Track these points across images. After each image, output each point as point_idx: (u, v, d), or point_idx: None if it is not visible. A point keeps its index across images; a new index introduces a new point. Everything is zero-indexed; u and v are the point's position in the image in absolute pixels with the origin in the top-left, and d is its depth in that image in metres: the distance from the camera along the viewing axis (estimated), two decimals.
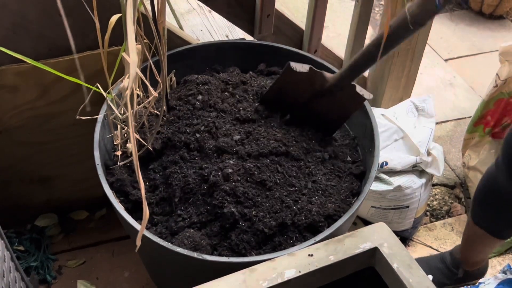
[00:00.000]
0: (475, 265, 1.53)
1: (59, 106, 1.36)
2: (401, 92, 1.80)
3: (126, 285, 1.52)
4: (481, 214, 1.37)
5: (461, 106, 2.22)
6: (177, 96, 1.26)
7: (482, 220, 1.37)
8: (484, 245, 1.44)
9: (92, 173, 1.10)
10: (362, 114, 1.25)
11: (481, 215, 1.37)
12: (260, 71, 1.41)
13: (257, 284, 0.84)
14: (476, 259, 1.51)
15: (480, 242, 1.43)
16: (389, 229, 0.94)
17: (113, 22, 0.95)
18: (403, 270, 0.87)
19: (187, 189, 1.08)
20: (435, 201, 1.84)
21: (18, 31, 1.21)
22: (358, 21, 1.62)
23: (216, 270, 0.90)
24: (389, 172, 1.56)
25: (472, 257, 1.50)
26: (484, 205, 1.36)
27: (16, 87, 1.28)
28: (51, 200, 1.58)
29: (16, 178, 1.48)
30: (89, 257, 1.58)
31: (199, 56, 1.39)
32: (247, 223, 1.04)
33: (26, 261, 1.51)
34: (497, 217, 1.35)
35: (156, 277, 1.35)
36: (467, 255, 1.50)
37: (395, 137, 1.60)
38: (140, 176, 0.70)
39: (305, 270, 0.87)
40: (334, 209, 1.09)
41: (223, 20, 1.76)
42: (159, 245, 0.97)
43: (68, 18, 1.21)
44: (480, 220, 1.37)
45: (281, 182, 1.09)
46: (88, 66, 1.30)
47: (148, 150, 1.15)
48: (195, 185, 1.08)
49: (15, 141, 1.39)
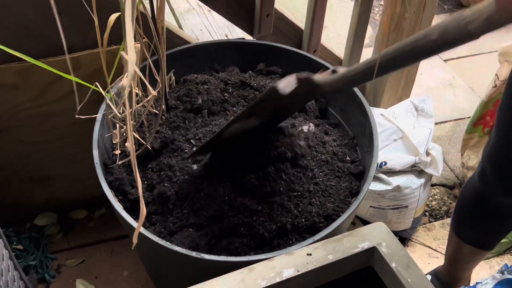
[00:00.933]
0: (463, 282, 1.49)
1: (58, 105, 1.36)
2: (401, 92, 1.81)
3: (125, 284, 1.52)
4: (468, 231, 1.33)
5: (461, 107, 2.22)
6: (177, 96, 1.26)
7: (470, 236, 1.33)
8: (473, 260, 1.41)
9: (91, 172, 1.10)
10: (361, 114, 1.25)
11: (469, 232, 1.33)
12: (260, 71, 1.41)
13: (255, 283, 0.84)
14: (464, 276, 1.48)
15: (470, 259, 1.39)
16: (388, 228, 0.94)
17: (112, 20, 0.95)
18: (402, 270, 0.87)
19: (181, 194, 1.08)
20: (434, 201, 1.84)
21: (18, 30, 1.21)
22: (357, 21, 1.63)
23: (214, 270, 0.90)
24: (388, 172, 1.56)
25: (461, 275, 1.47)
26: (471, 222, 1.31)
27: (16, 86, 1.28)
28: (50, 199, 1.58)
29: (15, 177, 1.48)
30: (88, 256, 1.58)
31: (199, 56, 1.39)
32: (247, 227, 1.04)
33: (25, 260, 1.51)
34: (487, 231, 1.30)
35: (155, 276, 1.35)
36: (455, 273, 1.47)
37: (394, 137, 1.60)
38: (138, 174, 0.70)
39: (304, 270, 0.87)
40: (333, 209, 1.09)
41: (222, 20, 1.76)
42: (158, 244, 0.97)
43: (68, 17, 1.21)
44: (468, 237, 1.33)
45: (284, 190, 1.08)
46: (87, 65, 1.30)
47: (147, 149, 1.15)
48: (191, 191, 1.08)
49: (14, 140, 1.39)
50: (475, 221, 1.30)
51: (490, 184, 1.17)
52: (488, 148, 1.16)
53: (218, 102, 1.27)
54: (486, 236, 1.32)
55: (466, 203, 1.30)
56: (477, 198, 1.25)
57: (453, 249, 1.41)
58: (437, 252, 1.69)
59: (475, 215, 1.29)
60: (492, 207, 1.22)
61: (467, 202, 1.29)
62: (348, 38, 1.70)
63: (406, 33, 1.62)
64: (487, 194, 1.21)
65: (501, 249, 1.70)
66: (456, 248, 1.39)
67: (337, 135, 1.29)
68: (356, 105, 1.27)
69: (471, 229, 1.32)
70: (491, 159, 1.15)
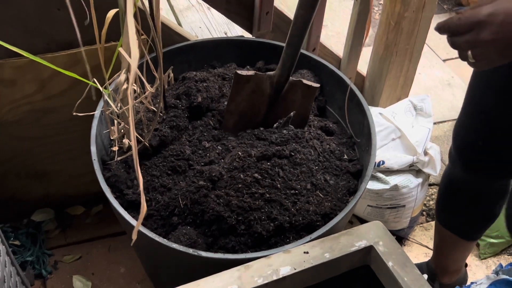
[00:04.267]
0: (451, 276, 1.50)
1: (56, 101, 1.36)
2: (399, 91, 1.81)
3: (122, 280, 1.52)
4: (446, 216, 1.37)
5: (459, 106, 2.20)
6: (176, 94, 1.26)
7: (449, 222, 1.37)
8: (456, 250, 1.42)
9: (88, 168, 1.10)
10: (359, 113, 1.25)
11: (447, 217, 1.37)
12: (258, 69, 1.40)
13: (252, 281, 0.84)
14: (451, 268, 1.48)
15: (452, 247, 1.41)
16: (385, 227, 0.94)
17: (110, 17, 0.95)
18: (398, 269, 0.87)
19: (180, 191, 1.09)
20: (432, 201, 1.84)
21: (16, 25, 1.21)
22: (356, 20, 1.63)
23: (212, 267, 0.90)
24: (386, 171, 1.56)
25: (447, 266, 1.48)
26: (448, 205, 1.36)
27: (13, 81, 1.28)
28: (47, 195, 1.58)
29: (12, 172, 1.47)
30: (85, 253, 1.58)
31: (198, 53, 1.39)
32: (245, 226, 1.04)
33: (22, 256, 1.51)
34: (462, 215, 1.35)
35: (152, 273, 1.35)
36: (442, 264, 1.48)
37: (392, 136, 1.60)
38: (139, 169, 0.70)
39: (300, 268, 0.87)
40: (330, 207, 1.09)
41: (222, 17, 1.76)
42: (155, 241, 0.97)
43: (66, 12, 1.21)
44: (447, 222, 1.37)
45: (282, 187, 1.09)
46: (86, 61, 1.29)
47: (144, 146, 1.15)
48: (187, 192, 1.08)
49: (12, 135, 1.38)
50: (450, 204, 1.35)
51: (455, 161, 1.24)
52: (455, 125, 1.23)
53: (217, 99, 1.27)
54: (463, 222, 1.36)
55: (442, 187, 1.36)
56: (448, 181, 1.33)
57: (437, 237, 1.45)
58: None
59: (449, 198, 1.34)
60: (461, 187, 1.29)
61: (443, 186, 1.36)
62: (347, 36, 1.70)
63: (406, 32, 1.62)
64: (454, 173, 1.27)
65: (497, 249, 1.70)
66: (439, 236, 1.43)
67: (335, 134, 1.29)
68: (355, 104, 1.27)
69: (449, 214, 1.37)
70: (455, 135, 1.23)
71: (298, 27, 1.12)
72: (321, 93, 1.38)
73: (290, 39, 1.14)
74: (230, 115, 1.22)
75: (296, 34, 1.13)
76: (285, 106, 1.22)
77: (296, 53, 1.16)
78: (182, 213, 1.06)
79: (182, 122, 1.20)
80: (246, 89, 1.19)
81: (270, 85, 1.21)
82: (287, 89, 1.21)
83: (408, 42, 1.65)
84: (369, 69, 1.80)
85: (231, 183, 1.07)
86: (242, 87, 1.19)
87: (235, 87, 1.19)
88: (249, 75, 1.17)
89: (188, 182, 1.09)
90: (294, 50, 1.15)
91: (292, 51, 1.15)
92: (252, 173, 1.07)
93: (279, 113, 1.22)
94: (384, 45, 1.67)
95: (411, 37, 1.64)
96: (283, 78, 1.20)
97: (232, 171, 1.08)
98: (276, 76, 1.20)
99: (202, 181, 1.07)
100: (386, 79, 1.73)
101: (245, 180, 1.06)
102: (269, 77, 1.20)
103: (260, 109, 1.23)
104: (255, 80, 1.19)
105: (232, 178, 1.07)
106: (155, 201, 1.09)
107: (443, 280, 1.50)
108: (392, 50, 1.66)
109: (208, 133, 1.21)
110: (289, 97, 1.22)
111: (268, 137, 1.17)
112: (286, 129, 1.19)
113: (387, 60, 1.69)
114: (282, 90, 1.21)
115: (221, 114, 1.24)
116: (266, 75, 1.20)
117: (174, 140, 1.18)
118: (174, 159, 1.13)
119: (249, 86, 1.19)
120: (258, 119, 1.24)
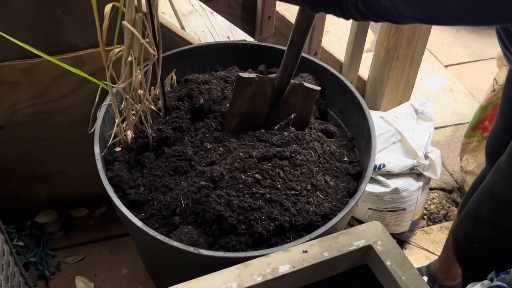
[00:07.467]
0: (453, 279, 1.50)
1: (60, 103, 1.37)
2: (400, 96, 1.82)
3: (124, 282, 1.53)
4: None
5: (461, 112, 2.23)
6: (178, 96, 1.27)
7: None
8: None
9: (92, 170, 1.11)
10: (360, 115, 1.26)
11: None
12: (260, 72, 1.42)
13: (251, 279, 0.85)
14: (455, 272, 1.48)
15: None
16: (383, 227, 0.95)
17: (108, 11, 0.96)
18: (396, 268, 0.88)
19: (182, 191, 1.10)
20: (433, 205, 1.85)
21: (23, 28, 1.23)
22: (358, 26, 1.64)
23: (212, 265, 0.91)
24: (387, 175, 1.57)
25: (452, 268, 1.47)
26: None
27: (18, 83, 1.30)
28: (51, 196, 1.59)
29: (17, 174, 1.49)
30: (88, 254, 1.59)
31: (200, 56, 1.40)
32: (245, 225, 1.05)
33: (26, 257, 1.52)
34: None
35: (154, 274, 1.36)
36: (447, 266, 1.47)
37: (393, 140, 1.61)
38: None
39: (299, 266, 0.88)
40: (330, 208, 1.10)
41: (224, 22, 1.78)
42: (157, 239, 0.98)
43: (71, 15, 1.23)
44: None
45: (282, 187, 1.10)
46: (90, 64, 1.31)
47: (144, 143, 1.16)
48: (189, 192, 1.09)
49: (16, 137, 1.40)
50: None
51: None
52: None
53: (219, 101, 1.28)
54: None
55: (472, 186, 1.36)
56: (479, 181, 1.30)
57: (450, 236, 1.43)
58: (435, 255, 1.69)
59: None
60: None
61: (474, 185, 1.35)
62: (348, 41, 1.71)
63: (406, 37, 1.63)
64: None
65: None
66: None
67: (336, 136, 1.30)
68: (355, 107, 1.28)
69: None
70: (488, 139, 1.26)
71: (299, 31, 1.14)
72: (322, 96, 1.39)
73: (292, 42, 1.16)
74: (232, 117, 1.24)
75: (297, 38, 1.15)
76: (286, 109, 1.24)
77: (297, 56, 1.18)
78: (183, 213, 1.07)
79: (184, 123, 1.21)
80: (248, 91, 1.21)
81: (271, 88, 1.22)
82: (288, 92, 1.23)
83: (409, 47, 1.67)
84: (370, 74, 1.81)
85: (232, 183, 1.08)
86: (244, 89, 1.21)
87: (237, 89, 1.21)
88: (251, 77, 1.19)
89: (189, 182, 1.10)
90: (295, 54, 1.17)
91: (293, 55, 1.17)
92: (253, 174, 1.09)
93: (280, 115, 1.24)
94: (385, 50, 1.68)
95: (412, 42, 1.65)
96: (284, 81, 1.21)
97: (233, 171, 1.10)
98: (278, 79, 1.21)
99: (203, 181, 1.09)
100: (387, 84, 1.75)
101: (246, 181, 1.07)
102: (271, 80, 1.22)
103: (261, 111, 1.25)
104: (257, 82, 1.20)
105: (233, 179, 1.09)
106: (157, 201, 1.10)
107: (444, 282, 1.50)
108: (393, 55, 1.67)
109: (210, 135, 1.22)
110: (290, 100, 1.24)
111: (269, 138, 1.19)
112: (287, 131, 1.21)
113: (388, 64, 1.70)
114: (283, 93, 1.23)
115: (223, 116, 1.25)
116: (267, 77, 1.21)
117: (176, 141, 1.19)
118: (176, 160, 1.15)
119: (251, 88, 1.21)
120: (259, 121, 1.25)
